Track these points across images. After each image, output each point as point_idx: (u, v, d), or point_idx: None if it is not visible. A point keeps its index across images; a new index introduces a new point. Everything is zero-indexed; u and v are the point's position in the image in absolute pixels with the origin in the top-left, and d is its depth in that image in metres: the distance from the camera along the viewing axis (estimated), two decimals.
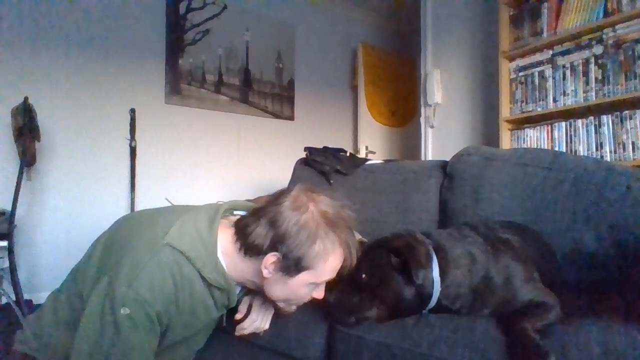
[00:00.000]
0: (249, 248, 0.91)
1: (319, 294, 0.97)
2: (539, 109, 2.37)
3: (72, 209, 2.97)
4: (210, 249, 0.92)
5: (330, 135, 4.20)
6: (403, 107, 4.48)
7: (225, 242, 0.94)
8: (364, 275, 0.96)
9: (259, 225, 0.90)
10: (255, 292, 1.05)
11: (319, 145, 2.12)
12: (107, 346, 0.81)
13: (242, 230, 0.92)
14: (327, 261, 0.90)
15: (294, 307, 1.02)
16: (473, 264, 0.93)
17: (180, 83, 3.44)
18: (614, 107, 2.09)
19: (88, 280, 0.90)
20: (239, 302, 1.07)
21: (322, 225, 0.89)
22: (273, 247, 0.89)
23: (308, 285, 0.94)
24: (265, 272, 0.91)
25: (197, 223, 0.93)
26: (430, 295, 0.90)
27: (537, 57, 2.38)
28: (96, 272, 0.90)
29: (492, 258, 0.93)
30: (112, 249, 0.91)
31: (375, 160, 2.02)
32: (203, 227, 0.93)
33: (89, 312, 0.83)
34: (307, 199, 0.91)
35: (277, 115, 3.95)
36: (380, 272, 0.94)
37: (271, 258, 0.89)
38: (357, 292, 0.96)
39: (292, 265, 0.89)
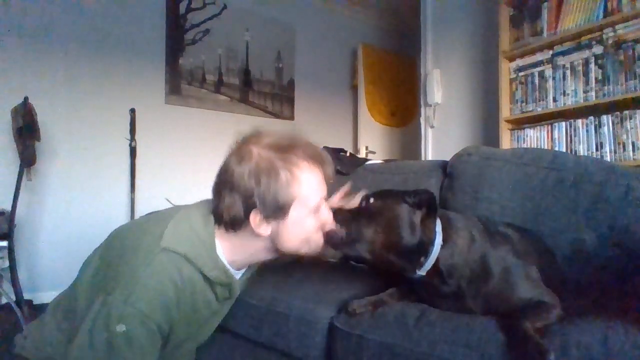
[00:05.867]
0: (232, 223, 0.89)
1: (326, 216, 0.95)
2: (539, 109, 2.37)
3: (72, 209, 2.97)
4: (209, 246, 0.90)
5: (330, 135, 4.20)
6: (403, 107, 4.48)
7: (220, 235, 0.93)
8: (372, 200, 0.94)
9: (223, 198, 0.88)
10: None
11: (319, 145, 2.11)
12: None
13: (216, 213, 0.91)
14: (302, 182, 0.89)
15: (320, 243, 0.96)
16: (472, 242, 0.92)
17: (180, 83, 3.44)
18: (614, 107, 2.09)
19: (82, 297, 0.88)
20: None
21: (273, 156, 0.87)
22: (249, 207, 0.87)
23: (307, 215, 0.91)
24: (262, 231, 0.89)
25: (191, 222, 0.91)
26: (427, 249, 0.89)
27: (537, 57, 2.39)
28: (90, 288, 0.87)
29: (489, 245, 0.93)
30: (107, 263, 0.88)
31: (375, 160, 2.02)
32: (198, 225, 0.91)
33: (83, 329, 0.80)
34: (247, 144, 0.89)
35: (277, 115, 3.95)
36: (388, 198, 0.93)
37: (255, 217, 0.88)
38: (360, 213, 0.94)
39: (276, 209, 0.87)
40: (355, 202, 1.05)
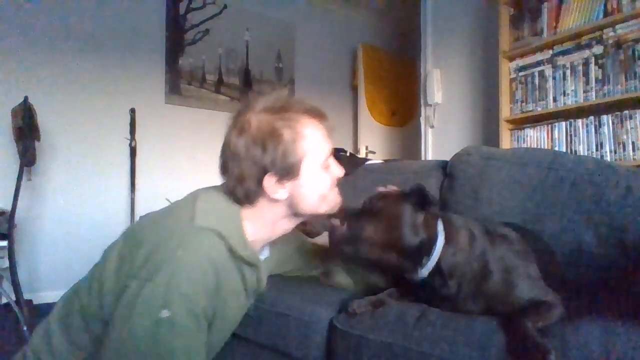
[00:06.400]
0: (247, 196, 0.88)
1: (337, 171, 0.95)
2: (539, 109, 2.37)
3: (72, 209, 2.97)
4: (237, 224, 0.88)
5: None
6: (403, 107, 4.48)
7: (244, 213, 0.91)
8: (373, 201, 0.94)
9: (233, 174, 0.87)
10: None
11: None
12: (144, 355, 0.73)
13: (231, 192, 0.89)
14: (307, 137, 0.88)
15: (337, 200, 0.96)
16: (473, 241, 0.93)
17: (180, 83, 3.44)
18: (614, 107, 2.09)
19: (107, 295, 0.82)
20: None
21: (272, 118, 0.86)
22: (260, 175, 0.86)
23: (319, 171, 0.91)
24: (278, 195, 0.88)
25: (217, 202, 0.89)
26: (430, 248, 0.89)
27: (537, 57, 2.39)
28: (115, 282, 0.81)
29: (489, 244, 0.93)
30: (132, 252, 0.81)
31: (375, 160, 2.02)
32: (224, 204, 0.89)
33: (119, 322, 0.75)
34: (243, 114, 0.88)
35: None
36: (391, 199, 0.93)
37: (269, 183, 0.86)
38: (362, 213, 0.95)
39: (288, 169, 0.86)
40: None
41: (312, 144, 0.89)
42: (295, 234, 1.09)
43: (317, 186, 0.91)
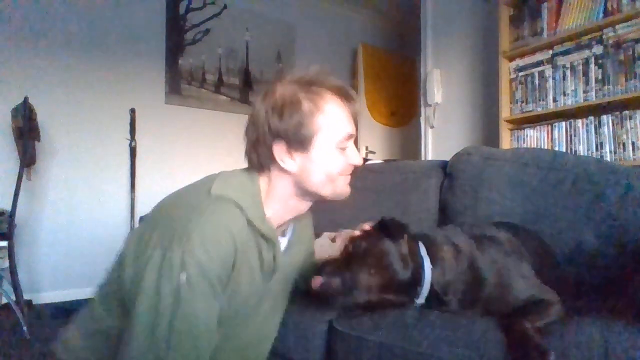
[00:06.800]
0: (261, 161, 0.89)
1: (354, 158, 0.93)
2: (539, 109, 2.37)
3: (72, 209, 2.97)
4: (256, 198, 0.88)
5: None
6: (403, 107, 4.48)
7: (263, 188, 0.91)
8: (356, 242, 0.93)
9: (251, 137, 0.90)
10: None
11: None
12: (167, 318, 0.74)
13: (247, 156, 0.92)
14: (326, 113, 0.87)
15: (346, 190, 0.95)
16: (457, 252, 0.92)
17: (180, 83, 3.44)
18: (614, 107, 2.09)
19: (126, 275, 0.82)
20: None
21: (296, 88, 0.87)
22: (272, 140, 0.87)
23: (332, 150, 0.89)
24: (289, 165, 0.87)
25: (236, 176, 0.91)
26: (420, 276, 0.89)
27: (537, 57, 2.38)
28: (134, 258, 0.81)
29: (476, 250, 0.93)
30: (152, 228, 0.82)
31: (375, 160, 2.02)
32: (245, 179, 0.90)
33: (144, 288, 0.75)
34: (273, 84, 0.91)
35: None
36: (371, 239, 0.92)
37: (278, 149, 0.87)
38: (348, 259, 0.93)
39: (300, 139, 0.86)
40: (337, 246, 1.05)
41: (330, 121, 0.88)
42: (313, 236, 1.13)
43: (326, 164, 0.89)
